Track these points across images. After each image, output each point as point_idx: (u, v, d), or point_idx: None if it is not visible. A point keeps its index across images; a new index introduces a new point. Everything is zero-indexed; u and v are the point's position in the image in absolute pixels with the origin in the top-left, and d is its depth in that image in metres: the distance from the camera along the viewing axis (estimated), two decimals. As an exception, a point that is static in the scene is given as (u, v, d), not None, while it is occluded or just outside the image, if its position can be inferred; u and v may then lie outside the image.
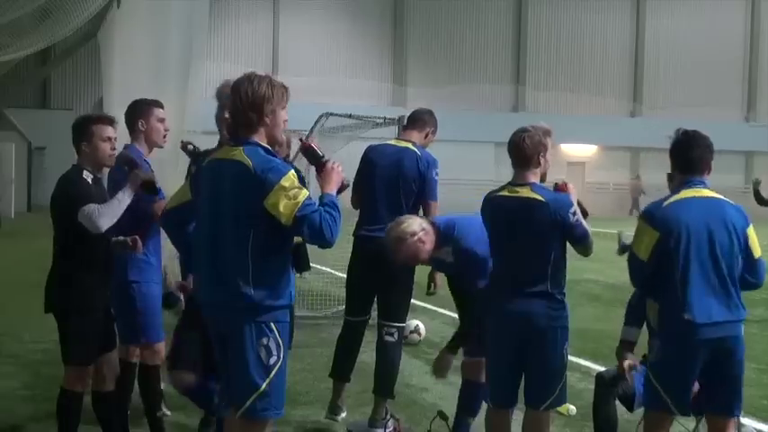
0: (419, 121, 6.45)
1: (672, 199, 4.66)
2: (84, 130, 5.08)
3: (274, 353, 3.95)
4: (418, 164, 6.19)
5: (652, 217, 4.64)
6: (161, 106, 5.63)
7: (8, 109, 32.39)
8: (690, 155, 4.71)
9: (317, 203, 3.94)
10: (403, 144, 6.36)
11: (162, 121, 5.58)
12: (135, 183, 5.07)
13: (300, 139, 4.32)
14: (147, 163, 5.51)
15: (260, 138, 4.02)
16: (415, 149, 6.26)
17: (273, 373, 3.96)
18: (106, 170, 5.35)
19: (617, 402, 5.50)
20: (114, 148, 5.15)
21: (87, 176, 5.04)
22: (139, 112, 5.55)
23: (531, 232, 4.78)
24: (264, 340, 3.94)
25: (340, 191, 4.15)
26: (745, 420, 5.97)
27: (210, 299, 4.08)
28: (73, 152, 5.13)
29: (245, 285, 3.92)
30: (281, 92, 4.04)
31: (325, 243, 3.91)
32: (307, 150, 4.27)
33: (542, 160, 4.84)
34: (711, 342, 4.51)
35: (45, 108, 36.53)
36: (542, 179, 4.91)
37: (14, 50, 21.73)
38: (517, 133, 4.88)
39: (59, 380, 5.16)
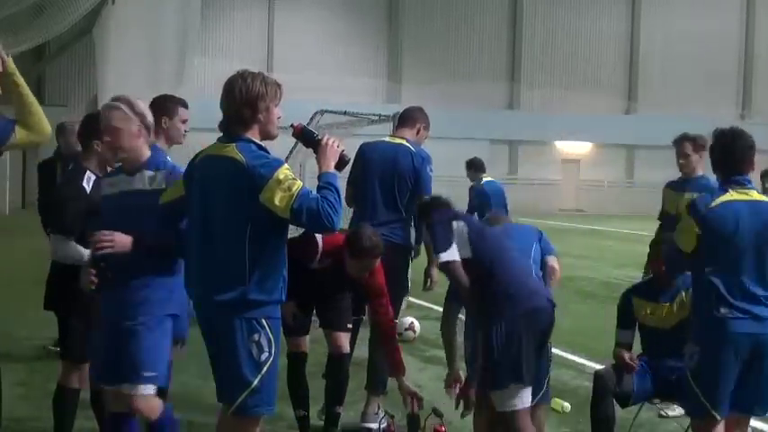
0: (410, 118, 6.47)
1: (720, 200, 4.61)
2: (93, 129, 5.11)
3: (266, 349, 3.95)
4: (413, 160, 6.21)
5: (697, 213, 4.59)
6: (186, 106, 5.49)
7: (2, 105, 32.28)
8: (734, 153, 4.66)
9: (315, 190, 3.91)
10: (397, 141, 6.37)
11: (185, 122, 5.43)
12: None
13: (292, 125, 4.26)
14: (168, 164, 5.24)
15: (253, 134, 4.03)
16: (410, 146, 6.28)
17: (265, 369, 3.96)
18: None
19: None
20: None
21: (90, 176, 5.02)
22: (165, 109, 5.37)
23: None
24: (256, 336, 3.94)
25: (340, 166, 4.11)
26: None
27: (202, 295, 4.07)
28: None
29: (239, 281, 3.91)
30: (275, 89, 4.06)
31: (326, 230, 3.94)
32: (300, 133, 4.24)
33: None
34: (748, 339, 4.48)
35: (40, 104, 36.29)
36: None
37: (9, 47, 21.68)
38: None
39: (55, 377, 5.15)
